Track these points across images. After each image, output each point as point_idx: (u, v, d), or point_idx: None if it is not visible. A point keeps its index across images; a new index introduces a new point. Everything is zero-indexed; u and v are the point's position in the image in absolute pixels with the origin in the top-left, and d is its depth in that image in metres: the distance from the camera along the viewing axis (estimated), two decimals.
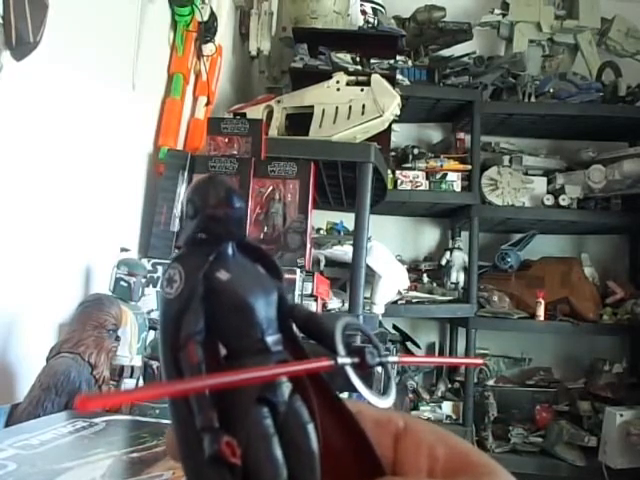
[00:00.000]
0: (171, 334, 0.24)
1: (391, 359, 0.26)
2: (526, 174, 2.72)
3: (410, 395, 2.50)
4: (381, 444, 0.26)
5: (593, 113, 2.68)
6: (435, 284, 2.67)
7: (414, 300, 2.45)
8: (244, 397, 0.24)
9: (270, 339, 0.25)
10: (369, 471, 0.25)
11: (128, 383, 1.21)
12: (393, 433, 0.26)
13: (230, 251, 0.25)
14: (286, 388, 0.25)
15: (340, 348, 0.24)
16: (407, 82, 2.24)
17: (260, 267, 0.26)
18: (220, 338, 0.25)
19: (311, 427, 0.25)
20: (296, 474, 0.24)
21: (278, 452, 0.24)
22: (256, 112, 1.77)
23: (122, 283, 1.25)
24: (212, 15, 1.83)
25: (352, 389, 0.24)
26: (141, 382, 1.08)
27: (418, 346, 2.76)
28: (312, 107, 1.71)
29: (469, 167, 2.61)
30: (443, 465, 0.24)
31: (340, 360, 0.24)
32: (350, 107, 1.67)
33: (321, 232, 2.36)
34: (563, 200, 2.64)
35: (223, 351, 0.25)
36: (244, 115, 1.77)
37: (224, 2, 2.02)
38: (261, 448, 0.23)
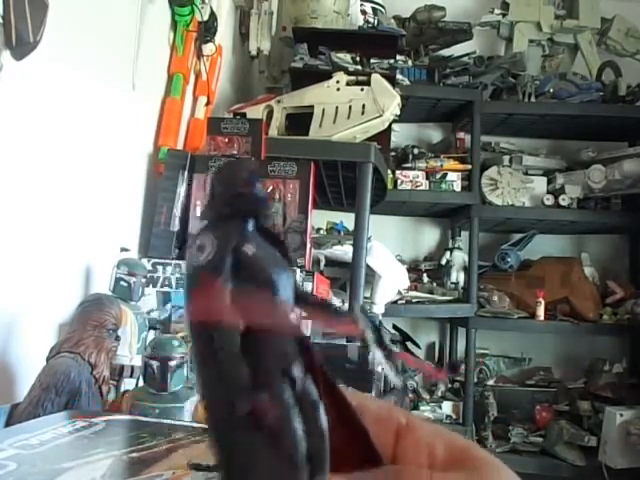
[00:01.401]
0: (201, 300, 0.24)
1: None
2: (526, 174, 2.72)
3: (410, 395, 2.50)
4: (381, 440, 0.26)
5: (593, 113, 2.68)
6: (435, 284, 2.67)
7: (414, 300, 2.45)
8: (272, 368, 0.24)
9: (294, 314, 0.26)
10: (367, 461, 0.26)
11: (128, 383, 1.21)
12: (394, 430, 0.26)
13: (253, 229, 0.26)
14: (301, 366, 0.25)
15: (363, 324, 0.26)
16: (407, 82, 2.25)
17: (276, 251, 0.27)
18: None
19: (321, 407, 0.25)
20: (308, 451, 0.24)
21: (299, 425, 0.24)
22: (256, 112, 1.77)
23: (122, 283, 1.25)
24: (212, 15, 1.83)
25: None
26: (141, 382, 1.08)
27: (418, 346, 2.76)
28: (312, 107, 1.71)
29: (469, 167, 2.61)
30: (442, 461, 0.25)
31: (366, 333, 0.25)
32: (350, 107, 1.67)
33: (321, 232, 2.36)
34: (563, 200, 2.64)
35: None
36: (244, 115, 1.77)
37: (224, 2, 2.02)
38: (285, 418, 0.24)
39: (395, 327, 2.70)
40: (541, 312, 2.57)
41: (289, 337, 0.25)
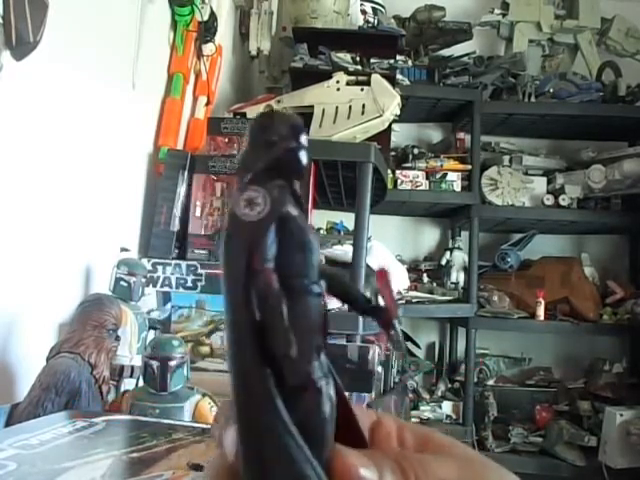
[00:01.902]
0: (245, 259, 0.23)
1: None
2: (526, 174, 2.72)
3: (410, 395, 2.50)
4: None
5: (593, 113, 2.68)
6: (435, 284, 2.67)
7: (414, 300, 2.45)
8: (311, 339, 0.24)
9: (320, 284, 0.25)
10: (356, 445, 0.26)
11: (128, 383, 1.21)
12: (369, 426, 0.29)
13: (291, 191, 0.25)
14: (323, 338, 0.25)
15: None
16: (407, 82, 2.24)
17: None
18: (280, 274, 0.24)
19: (332, 379, 0.25)
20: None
21: (329, 405, 0.24)
22: (256, 112, 1.77)
23: (122, 283, 1.25)
24: (212, 15, 1.83)
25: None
26: (141, 382, 1.08)
27: (418, 346, 2.76)
28: (312, 107, 1.71)
29: (469, 167, 2.61)
30: (412, 447, 0.29)
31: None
32: (350, 107, 1.67)
33: (321, 232, 2.36)
34: (563, 200, 2.64)
35: None
36: (244, 115, 1.77)
37: (224, 2, 2.02)
38: (324, 387, 0.24)
39: None
40: (541, 312, 2.57)
41: (322, 306, 0.25)
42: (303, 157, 0.24)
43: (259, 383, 0.23)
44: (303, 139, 0.24)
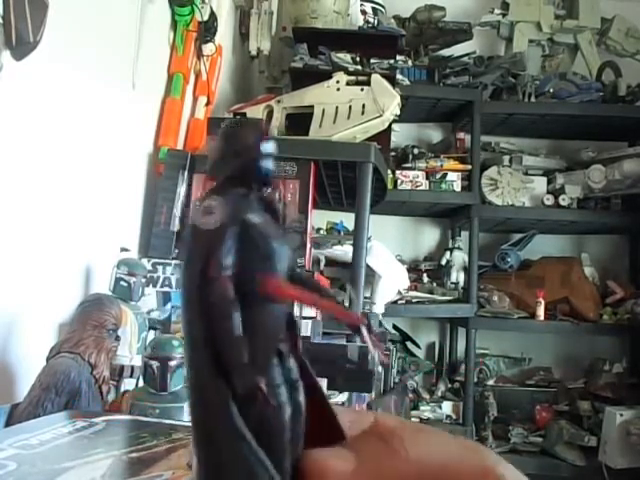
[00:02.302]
0: (201, 266, 0.23)
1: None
2: (526, 174, 2.72)
3: (410, 395, 2.50)
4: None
5: (593, 113, 2.68)
6: (435, 284, 2.67)
7: (414, 300, 2.45)
8: (269, 346, 0.24)
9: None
10: (334, 439, 0.26)
11: (128, 383, 1.21)
12: (348, 422, 0.29)
13: (257, 198, 0.25)
14: (287, 343, 0.25)
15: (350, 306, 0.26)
16: (407, 82, 2.24)
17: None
18: (239, 281, 0.24)
19: (301, 386, 0.26)
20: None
21: (288, 411, 0.24)
22: (256, 112, 1.77)
23: (122, 283, 1.25)
24: (212, 15, 1.83)
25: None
26: (141, 382, 1.08)
27: (418, 346, 2.76)
28: (312, 107, 1.71)
29: (469, 167, 2.61)
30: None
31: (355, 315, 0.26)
32: (350, 107, 1.67)
33: (321, 232, 2.36)
34: (563, 200, 2.64)
35: None
36: (244, 115, 1.77)
37: (224, 2, 2.02)
38: (278, 395, 0.24)
39: (395, 327, 2.70)
40: (541, 312, 2.57)
41: (284, 313, 0.25)
42: (266, 166, 0.25)
43: (215, 394, 0.23)
44: (267, 148, 0.25)
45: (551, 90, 2.67)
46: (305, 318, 1.32)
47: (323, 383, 1.18)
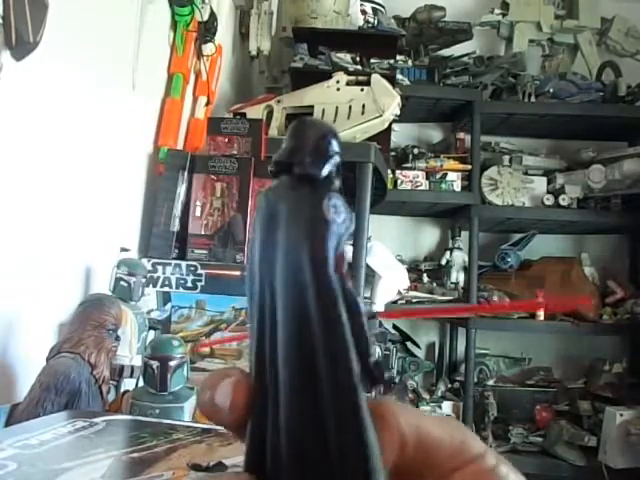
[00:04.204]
0: (335, 264, 0.24)
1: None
2: (526, 174, 2.72)
3: (410, 395, 2.50)
4: None
5: (593, 113, 2.68)
6: (435, 284, 2.67)
7: (414, 300, 2.45)
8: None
9: None
10: None
11: (128, 383, 1.21)
12: None
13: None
14: None
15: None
16: (407, 82, 2.25)
17: None
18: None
19: None
20: None
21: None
22: (256, 112, 1.77)
23: (122, 283, 1.25)
24: (212, 15, 1.83)
25: None
26: (141, 382, 1.08)
27: (418, 346, 2.76)
28: (312, 107, 1.71)
29: (469, 167, 2.61)
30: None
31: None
32: (350, 107, 1.67)
33: None
34: (563, 200, 2.64)
35: None
36: (244, 115, 1.77)
37: (224, 2, 2.02)
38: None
39: (395, 327, 2.70)
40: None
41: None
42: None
43: (358, 400, 0.24)
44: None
45: (551, 90, 2.67)
46: None
47: None
